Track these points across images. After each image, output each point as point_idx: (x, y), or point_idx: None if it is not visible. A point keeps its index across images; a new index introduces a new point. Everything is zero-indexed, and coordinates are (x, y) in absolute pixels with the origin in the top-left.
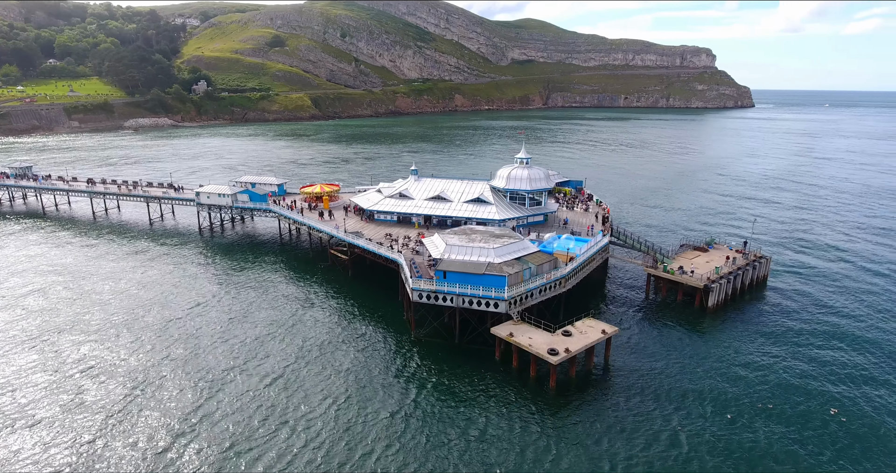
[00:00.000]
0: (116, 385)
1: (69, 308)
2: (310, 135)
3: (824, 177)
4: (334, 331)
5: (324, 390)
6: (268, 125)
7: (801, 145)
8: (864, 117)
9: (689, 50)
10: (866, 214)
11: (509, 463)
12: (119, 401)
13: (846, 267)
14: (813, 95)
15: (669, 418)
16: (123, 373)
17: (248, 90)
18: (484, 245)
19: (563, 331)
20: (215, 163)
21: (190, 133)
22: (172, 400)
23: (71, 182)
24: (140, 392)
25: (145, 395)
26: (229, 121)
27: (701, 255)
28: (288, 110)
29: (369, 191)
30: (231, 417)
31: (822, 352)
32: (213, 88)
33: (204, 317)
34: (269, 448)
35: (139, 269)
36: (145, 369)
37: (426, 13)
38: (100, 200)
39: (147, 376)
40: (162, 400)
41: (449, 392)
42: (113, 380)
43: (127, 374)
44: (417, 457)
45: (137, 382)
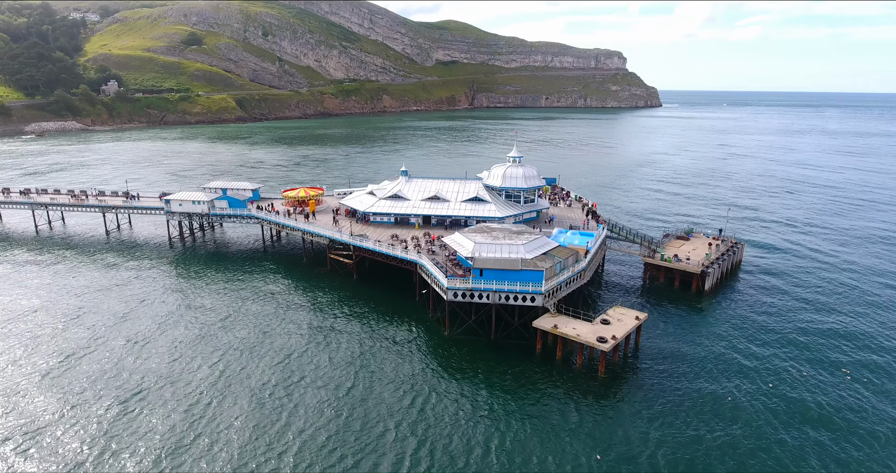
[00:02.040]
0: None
1: (45, 337)
2: (245, 138)
3: (746, 168)
4: (363, 341)
5: (380, 405)
6: (192, 128)
7: (716, 141)
8: (759, 115)
9: (602, 53)
10: (794, 200)
11: (586, 449)
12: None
13: (799, 245)
14: (710, 95)
15: (716, 393)
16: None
17: (164, 91)
18: (511, 241)
19: (602, 320)
20: (155, 169)
21: (107, 137)
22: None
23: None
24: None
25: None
26: (146, 123)
27: (685, 244)
28: (211, 112)
29: (358, 194)
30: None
31: (811, 318)
32: (125, 89)
33: (214, 341)
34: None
35: (113, 288)
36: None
37: (349, 13)
38: (42, 212)
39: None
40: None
41: (501, 388)
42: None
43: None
44: (497, 455)
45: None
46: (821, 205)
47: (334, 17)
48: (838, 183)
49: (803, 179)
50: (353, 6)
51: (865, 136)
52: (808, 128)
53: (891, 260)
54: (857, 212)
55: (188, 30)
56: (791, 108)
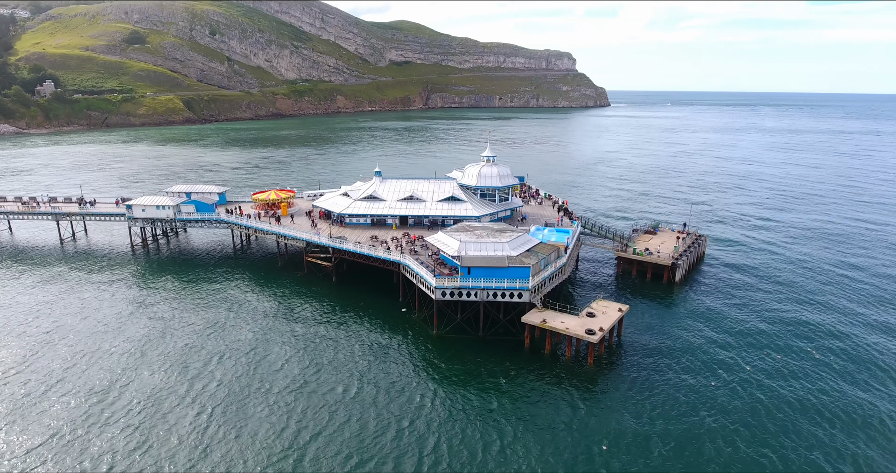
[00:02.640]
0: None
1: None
2: (197, 141)
3: (697, 165)
4: (351, 344)
5: (375, 407)
6: (138, 130)
7: (665, 139)
8: (701, 114)
9: (552, 54)
10: (744, 195)
11: (588, 439)
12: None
13: (753, 238)
14: (654, 95)
15: (698, 377)
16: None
17: (106, 91)
18: (495, 239)
19: (588, 313)
20: (103, 173)
21: (44, 141)
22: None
23: None
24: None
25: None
26: (86, 126)
27: (653, 238)
28: (158, 114)
29: (331, 195)
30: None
31: (774, 304)
32: (62, 90)
33: (195, 354)
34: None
35: (74, 302)
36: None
37: (300, 12)
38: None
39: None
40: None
41: (494, 383)
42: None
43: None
44: (499, 449)
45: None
46: (768, 199)
47: (284, 17)
48: (781, 177)
49: (749, 175)
50: (304, 5)
51: (799, 133)
52: (747, 126)
53: (836, 249)
54: (802, 206)
55: (129, 28)
56: (729, 108)
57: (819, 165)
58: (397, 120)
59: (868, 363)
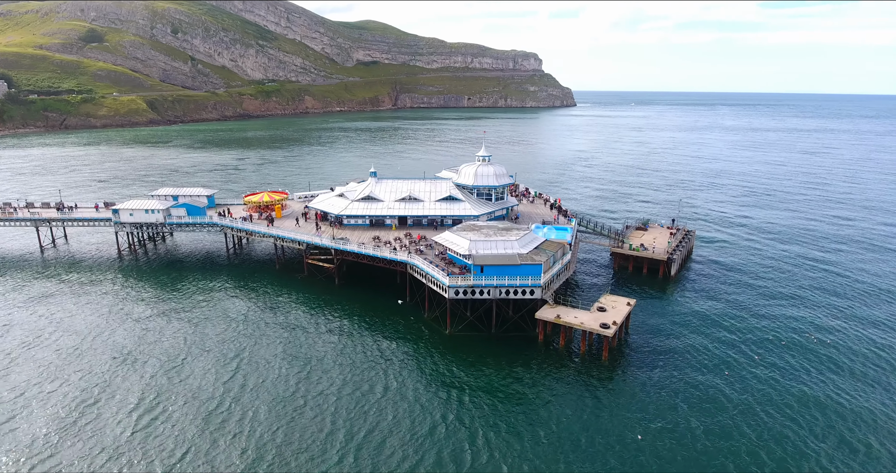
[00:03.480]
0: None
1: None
2: (165, 142)
3: (669, 163)
4: (364, 347)
5: (399, 408)
6: (99, 132)
7: (635, 138)
8: (665, 113)
9: (519, 54)
10: (718, 191)
11: (621, 429)
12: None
13: (734, 234)
14: (618, 95)
15: (710, 364)
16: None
17: (64, 92)
18: (504, 238)
19: (598, 308)
20: (74, 177)
21: (1, 144)
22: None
23: None
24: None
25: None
26: (43, 128)
27: (645, 234)
28: (120, 115)
29: (326, 196)
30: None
31: (765, 292)
32: (16, 90)
33: (204, 362)
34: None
35: (63, 313)
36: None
37: (265, 11)
38: None
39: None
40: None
41: (514, 379)
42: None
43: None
44: (532, 443)
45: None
46: (743, 195)
47: (249, 15)
48: (751, 174)
49: (720, 172)
50: (269, 4)
51: (759, 131)
52: (709, 125)
53: (812, 242)
54: (774, 202)
55: (86, 26)
56: (690, 107)
57: (783, 163)
58: (368, 120)
59: (857, 342)
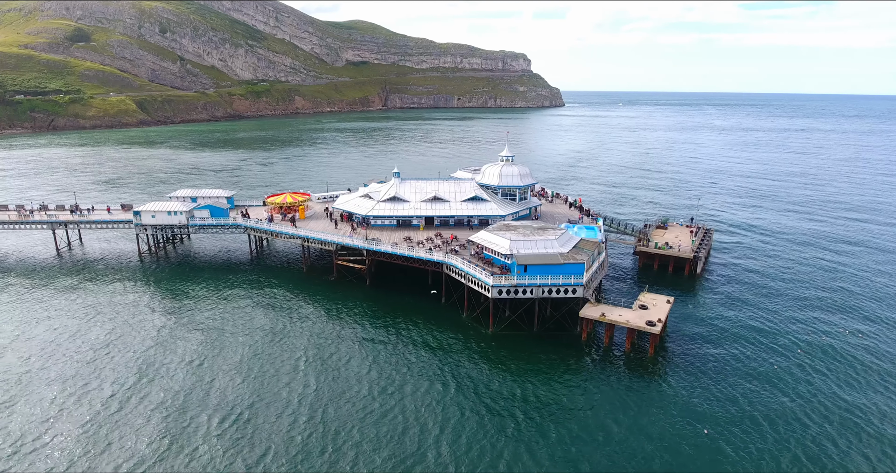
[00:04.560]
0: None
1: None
2: (162, 143)
3: (669, 163)
4: (406, 348)
5: (453, 408)
6: (90, 133)
7: (629, 138)
8: (653, 113)
9: (508, 55)
10: (721, 189)
11: (685, 423)
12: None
13: (746, 231)
14: (603, 95)
15: (755, 358)
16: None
17: (51, 92)
18: (543, 237)
19: (640, 305)
20: (78, 179)
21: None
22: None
23: None
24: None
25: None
26: (31, 129)
27: (665, 232)
28: (109, 115)
29: (350, 197)
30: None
31: (792, 288)
32: (2, 91)
33: (241, 365)
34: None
35: (87, 315)
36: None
37: (253, 10)
38: None
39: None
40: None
41: (569, 376)
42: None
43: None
44: (605, 438)
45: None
46: (748, 194)
47: (237, 15)
48: (748, 173)
49: (718, 171)
50: (257, 4)
51: (750, 131)
52: (699, 125)
53: (825, 243)
54: (780, 200)
55: (72, 25)
56: (677, 107)
57: (778, 162)
58: (360, 121)
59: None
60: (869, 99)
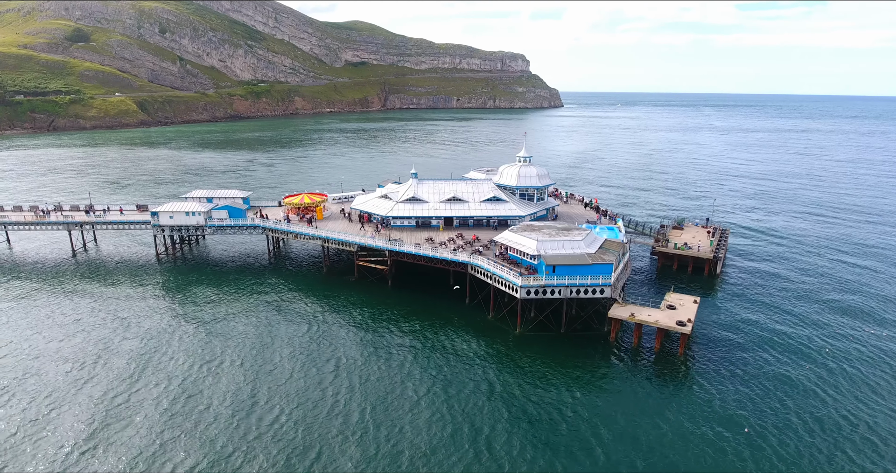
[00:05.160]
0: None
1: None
2: (165, 144)
3: (674, 163)
4: (431, 349)
5: (485, 409)
6: (91, 134)
7: (632, 138)
8: (652, 114)
9: (507, 55)
10: (730, 190)
11: (727, 423)
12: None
13: (758, 231)
14: (600, 96)
15: (782, 357)
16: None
17: (51, 92)
18: (569, 238)
19: (668, 305)
20: (86, 179)
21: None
22: None
23: None
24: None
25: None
26: (31, 129)
27: (682, 233)
28: (110, 116)
29: (368, 197)
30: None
31: (811, 288)
32: (2, 91)
33: (266, 370)
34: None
35: (109, 317)
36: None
37: (252, 10)
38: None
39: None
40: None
41: (600, 375)
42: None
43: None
44: (642, 440)
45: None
46: (756, 194)
47: (237, 15)
48: (754, 174)
49: (724, 172)
50: (256, 4)
51: (750, 132)
52: (699, 126)
53: (840, 244)
54: (789, 201)
55: (72, 25)
56: (675, 108)
57: (783, 162)
58: (361, 121)
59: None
60: (864, 100)
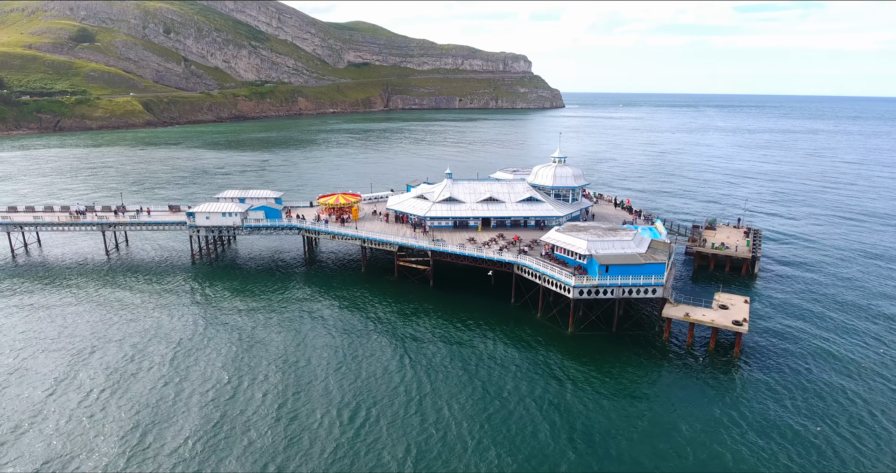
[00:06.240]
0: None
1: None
2: (176, 144)
3: (686, 164)
4: (485, 349)
5: (543, 408)
6: (99, 134)
7: (640, 139)
8: (654, 115)
9: (509, 56)
10: (745, 189)
11: (801, 420)
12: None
13: (791, 229)
14: (600, 97)
15: (839, 352)
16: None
17: (57, 93)
18: (618, 238)
19: (720, 305)
20: (106, 180)
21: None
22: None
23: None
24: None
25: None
26: (37, 130)
27: (716, 233)
28: (116, 116)
29: (403, 198)
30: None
31: (853, 287)
32: (8, 91)
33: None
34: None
35: (146, 319)
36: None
37: (256, 11)
38: (17, 234)
39: None
40: None
41: (655, 375)
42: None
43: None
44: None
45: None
46: (777, 193)
47: (240, 16)
48: (770, 174)
49: (739, 172)
50: (260, 5)
51: (756, 133)
52: (704, 127)
53: (869, 245)
54: (808, 201)
55: (77, 25)
56: (676, 108)
57: (795, 162)
58: (365, 122)
59: None
60: (861, 100)
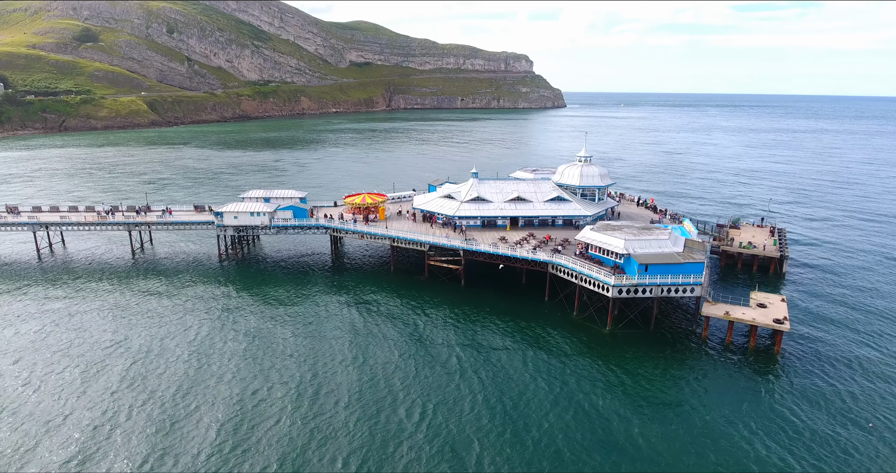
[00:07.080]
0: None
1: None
2: (184, 144)
3: (696, 163)
4: (522, 349)
5: (585, 407)
6: (104, 134)
7: (646, 139)
8: (656, 114)
9: (510, 56)
10: (759, 188)
11: (853, 416)
12: None
13: (811, 228)
14: (601, 96)
15: (881, 353)
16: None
17: (62, 92)
18: (654, 237)
19: (758, 304)
20: (121, 180)
21: (4, 146)
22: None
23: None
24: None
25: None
26: (42, 130)
27: (740, 232)
28: (121, 116)
29: (427, 198)
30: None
31: (881, 284)
32: (13, 91)
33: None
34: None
35: (175, 318)
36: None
37: (258, 11)
38: (43, 233)
39: None
40: None
41: (698, 374)
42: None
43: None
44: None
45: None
46: (793, 192)
47: (243, 15)
48: (781, 173)
49: (750, 171)
50: (262, 4)
51: (761, 132)
52: (708, 126)
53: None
54: (824, 200)
55: (80, 25)
56: (677, 108)
57: (804, 161)
58: (369, 121)
59: None
60: (859, 100)
